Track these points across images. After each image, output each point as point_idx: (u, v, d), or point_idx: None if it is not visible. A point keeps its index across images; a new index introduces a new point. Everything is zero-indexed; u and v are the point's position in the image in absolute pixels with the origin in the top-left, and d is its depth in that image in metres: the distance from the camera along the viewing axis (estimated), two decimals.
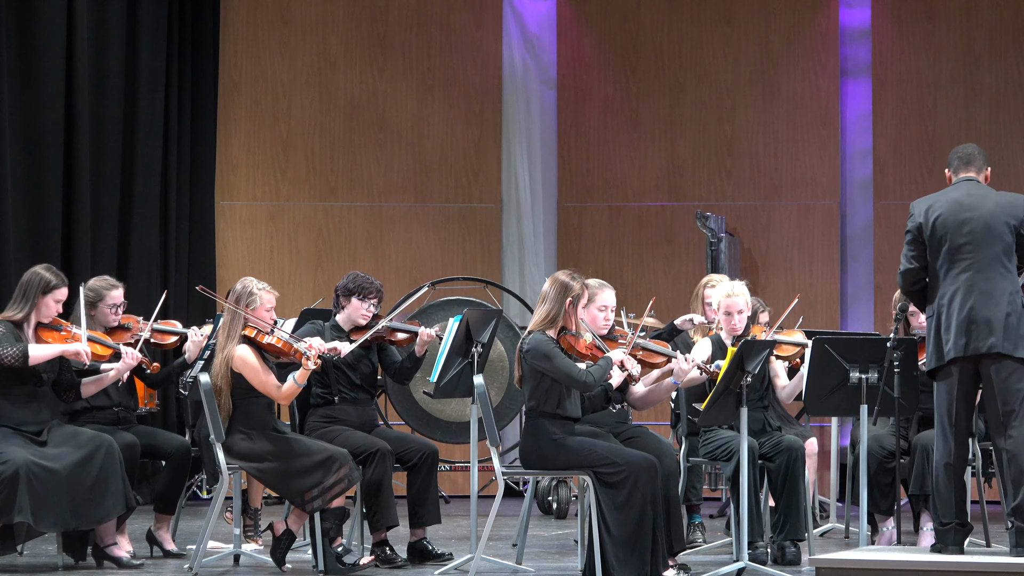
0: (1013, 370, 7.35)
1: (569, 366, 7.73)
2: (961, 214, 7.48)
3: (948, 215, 7.49)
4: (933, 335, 7.47)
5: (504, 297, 12.79)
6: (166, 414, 12.08)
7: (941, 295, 7.46)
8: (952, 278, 7.44)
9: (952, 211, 7.49)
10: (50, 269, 8.40)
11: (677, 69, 13.59)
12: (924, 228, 7.52)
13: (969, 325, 7.36)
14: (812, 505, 9.37)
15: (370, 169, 13.40)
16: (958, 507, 7.45)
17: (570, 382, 7.72)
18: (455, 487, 12.75)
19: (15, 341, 8.17)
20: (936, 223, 7.50)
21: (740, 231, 13.33)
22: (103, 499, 8.13)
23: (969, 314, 7.36)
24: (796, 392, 8.77)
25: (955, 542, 7.42)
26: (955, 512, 7.44)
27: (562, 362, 7.73)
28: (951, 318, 7.40)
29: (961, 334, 7.37)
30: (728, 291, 8.80)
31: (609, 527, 7.60)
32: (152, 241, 12.40)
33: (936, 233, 7.49)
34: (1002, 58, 13.29)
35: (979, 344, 7.34)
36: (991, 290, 7.37)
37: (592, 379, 7.73)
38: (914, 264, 7.56)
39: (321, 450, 8.12)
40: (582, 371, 7.73)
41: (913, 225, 7.57)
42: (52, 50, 11.57)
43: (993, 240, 7.43)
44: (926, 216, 7.53)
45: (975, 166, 7.66)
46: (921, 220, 7.54)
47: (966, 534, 7.48)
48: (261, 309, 8.21)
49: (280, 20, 13.32)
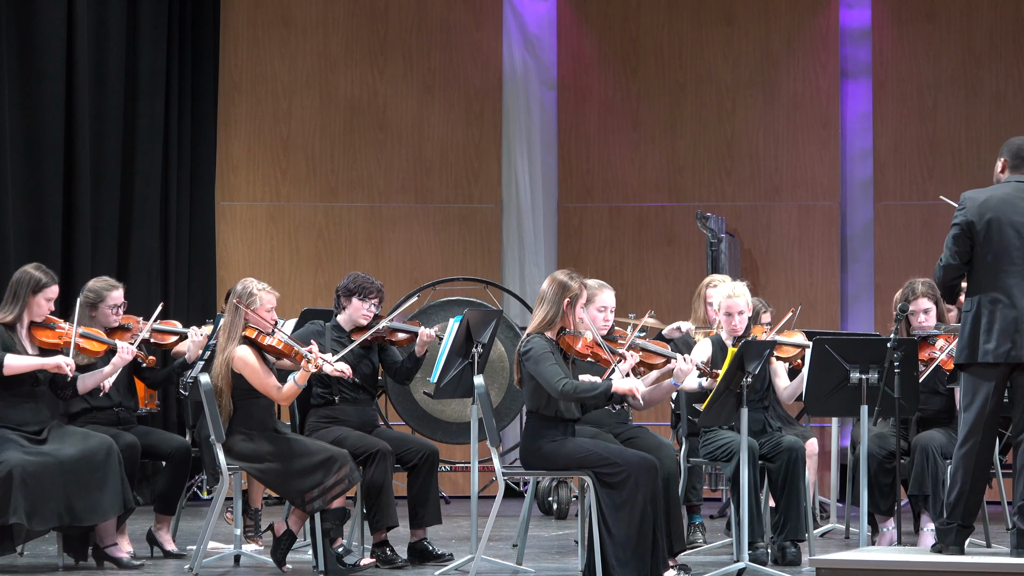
0: None
1: (551, 373, 7.67)
2: (1016, 217, 7.34)
3: (1002, 215, 7.33)
4: (969, 331, 7.35)
5: (504, 298, 12.79)
6: (166, 414, 12.08)
7: (986, 294, 7.33)
8: (1000, 280, 7.31)
9: (1007, 211, 7.34)
10: (40, 268, 8.39)
11: (677, 70, 13.59)
12: (976, 225, 7.35)
13: (1015, 332, 7.28)
14: (812, 506, 9.37)
15: (370, 169, 13.40)
16: (967, 510, 7.38)
17: (550, 389, 7.69)
18: (455, 487, 12.75)
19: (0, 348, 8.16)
20: (990, 221, 7.33)
21: (740, 231, 13.33)
22: (102, 498, 8.13)
23: (1016, 320, 7.29)
24: (797, 393, 8.77)
25: (955, 542, 7.39)
26: (963, 513, 7.39)
27: (546, 368, 7.68)
28: (993, 321, 7.30)
29: (1005, 340, 7.29)
30: (729, 292, 8.80)
31: (609, 527, 7.60)
32: (152, 242, 12.40)
33: (990, 231, 7.33)
34: (1002, 58, 13.29)
35: (1021, 352, 7.28)
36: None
37: (572, 389, 7.64)
38: (957, 260, 7.39)
39: (321, 450, 8.12)
40: (564, 380, 7.66)
41: (964, 220, 7.37)
42: (52, 50, 11.56)
43: None
44: (979, 213, 7.35)
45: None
46: (973, 217, 7.36)
47: (967, 535, 7.46)
48: (261, 309, 8.21)
49: (280, 20, 13.33)
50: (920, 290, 8.97)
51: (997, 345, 7.29)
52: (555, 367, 7.69)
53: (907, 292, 9.01)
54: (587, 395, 7.70)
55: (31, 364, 8.20)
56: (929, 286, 8.97)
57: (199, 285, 12.87)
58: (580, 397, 7.71)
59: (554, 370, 7.67)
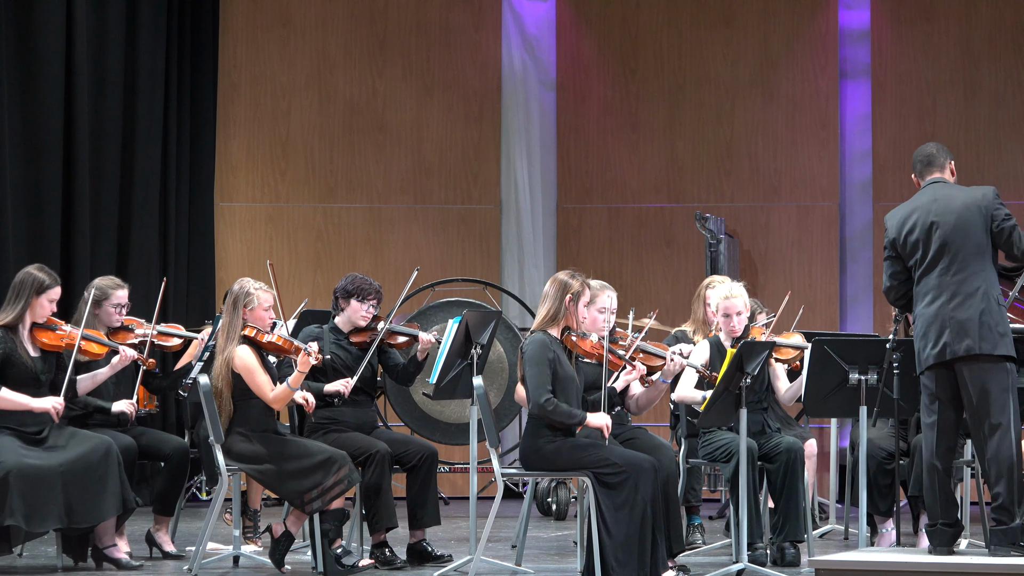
0: (988, 370, 7.35)
1: (538, 382, 7.71)
2: (930, 219, 7.46)
3: (918, 223, 7.48)
4: (917, 341, 7.51)
5: (503, 298, 12.80)
6: (165, 416, 12.08)
7: (918, 302, 7.48)
8: (928, 283, 7.45)
9: (922, 218, 7.48)
10: (43, 269, 8.39)
11: (676, 70, 13.59)
12: (897, 242, 7.54)
13: (942, 329, 7.36)
14: (811, 506, 9.37)
15: (369, 170, 13.40)
16: (943, 508, 7.45)
17: (531, 394, 7.74)
18: (454, 488, 12.75)
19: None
20: (908, 233, 7.51)
21: (739, 232, 13.34)
22: (100, 499, 8.13)
23: (943, 318, 7.36)
24: (797, 395, 8.77)
25: (942, 543, 7.44)
26: (940, 513, 7.45)
27: (535, 374, 7.72)
28: (928, 323, 7.41)
29: (939, 338, 7.37)
30: (726, 293, 8.80)
31: (609, 528, 7.60)
32: (151, 242, 12.40)
33: (909, 243, 7.50)
34: (1002, 58, 13.29)
35: (956, 347, 7.35)
36: (965, 291, 7.37)
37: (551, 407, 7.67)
38: (893, 281, 7.61)
39: (320, 451, 8.12)
40: (545, 394, 7.68)
41: (888, 241, 7.59)
42: (52, 51, 11.56)
43: (965, 239, 7.41)
44: (899, 230, 7.54)
45: (938, 165, 7.65)
46: (894, 235, 7.56)
47: (955, 535, 7.49)
48: (259, 309, 8.22)
49: (280, 21, 13.33)
50: None
51: (932, 345, 7.38)
52: (544, 376, 7.71)
53: None
54: (560, 419, 7.76)
55: (21, 403, 8.14)
56: None
57: (198, 286, 12.87)
58: (553, 419, 7.75)
59: (543, 379, 7.70)
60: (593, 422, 7.80)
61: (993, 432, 7.32)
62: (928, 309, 7.42)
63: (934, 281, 7.43)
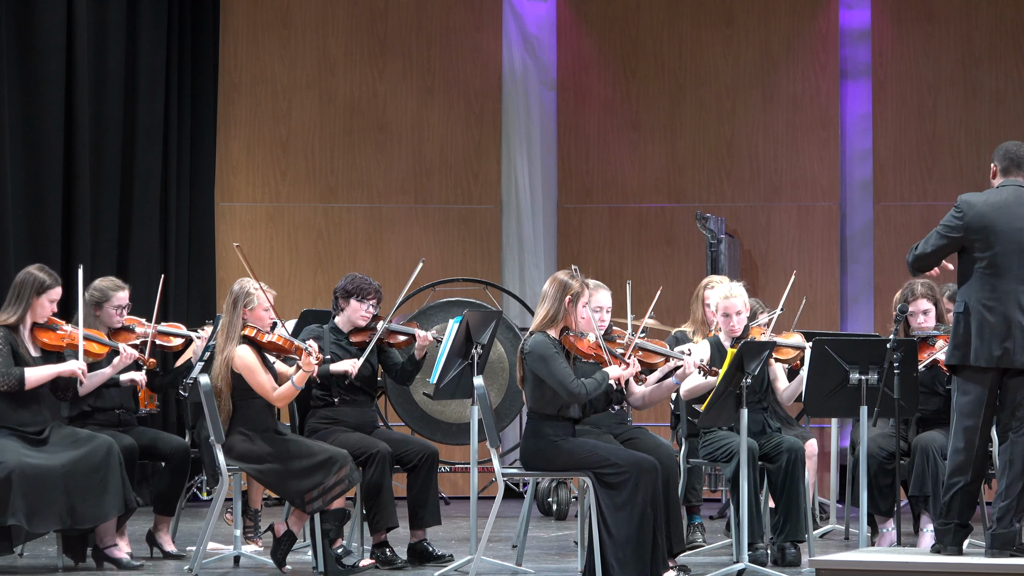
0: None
1: (564, 374, 7.69)
2: (1014, 223, 7.37)
3: (999, 221, 7.37)
4: (962, 334, 7.39)
5: (504, 298, 12.79)
6: (166, 415, 12.08)
7: (980, 299, 7.36)
8: (995, 285, 7.35)
9: (1004, 218, 7.38)
10: (43, 269, 8.40)
11: (677, 70, 13.59)
12: (972, 231, 7.39)
13: (1007, 335, 7.30)
14: (812, 506, 9.37)
15: (370, 170, 13.40)
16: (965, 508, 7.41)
17: (562, 390, 7.70)
18: (455, 488, 12.74)
19: (11, 363, 8.15)
20: (987, 227, 7.37)
21: (740, 232, 13.33)
22: (102, 499, 8.13)
23: (1013, 324, 7.30)
24: (797, 394, 8.76)
25: (954, 542, 7.41)
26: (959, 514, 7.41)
27: (558, 368, 7.69)
28: (984, 326, 7.32)
29: (997, 345, 7.31)
30: (726, 292, 8.79)
31: (609, 528, 7.60)
32: (152, 242, 12.40)
33: (986, 237, 7.37)
34: (1002, 58, 13.29)
35: (1019, 358, 7.30)
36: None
37: (584, 391, 7.70)
38: (933, 258, 7.46)
39: (321, 451, 8.13)
40: (576, 382, 7.68)
41: (959, 224, 7.41)
42: (52, 51, 11.56)
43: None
44: (977, 219, 7.39)
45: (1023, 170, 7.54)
46: (971, 222, 7.40)
47: (966, 535, 7.48)
48: (259, 308, 8.22)
49: (280, 21, 13.32)
50: (919, 291, 8.97)
51: (990, 349, 7.32)
52: (567, 368, 7.71)
53: (906, 293, 9.02)
54: (596, 393, 7.75)
55: (49, 374, 8.23)
56: (928, 287, 8.98)
57: (198, 286, 12.86)
58: (592, 395, 7.77)
59: (566, 372, 7.69)
60: (615, 375, 7.81)
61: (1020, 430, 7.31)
62: (994, 310, 7.33)
63: (1009, 286, 7.33)
